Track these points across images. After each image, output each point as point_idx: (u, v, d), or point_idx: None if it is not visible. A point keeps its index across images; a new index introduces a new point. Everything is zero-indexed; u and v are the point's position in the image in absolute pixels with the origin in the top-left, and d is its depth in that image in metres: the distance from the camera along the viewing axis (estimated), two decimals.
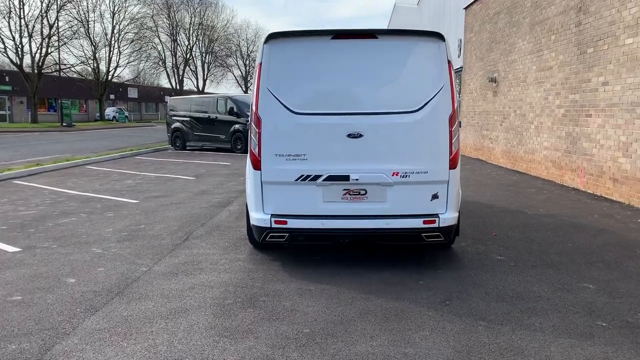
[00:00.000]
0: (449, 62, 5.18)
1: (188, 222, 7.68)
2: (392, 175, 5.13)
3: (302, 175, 5.15)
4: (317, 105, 5.18)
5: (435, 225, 5.19)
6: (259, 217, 5.28)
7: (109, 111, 60.87)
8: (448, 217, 5.25)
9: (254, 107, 5.20)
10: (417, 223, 5.18)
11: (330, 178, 5.13)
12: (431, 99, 5.13)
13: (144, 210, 8.61)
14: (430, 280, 5.10)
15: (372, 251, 6.01)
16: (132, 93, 71.40)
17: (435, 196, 5.23)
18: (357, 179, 5.12)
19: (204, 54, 75.73)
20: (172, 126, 21.94)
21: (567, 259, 5.78)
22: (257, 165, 5.23)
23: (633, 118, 8.79)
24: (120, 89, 67.14)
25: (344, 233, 5.28)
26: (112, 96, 64.05)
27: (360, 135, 5.08)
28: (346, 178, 5.13)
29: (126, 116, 61.17)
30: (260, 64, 5.22)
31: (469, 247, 6.25)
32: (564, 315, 4.23)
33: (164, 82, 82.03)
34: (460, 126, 5.38)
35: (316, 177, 5.14)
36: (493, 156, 16.03)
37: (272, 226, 5.21)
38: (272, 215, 5.24)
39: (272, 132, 5.18)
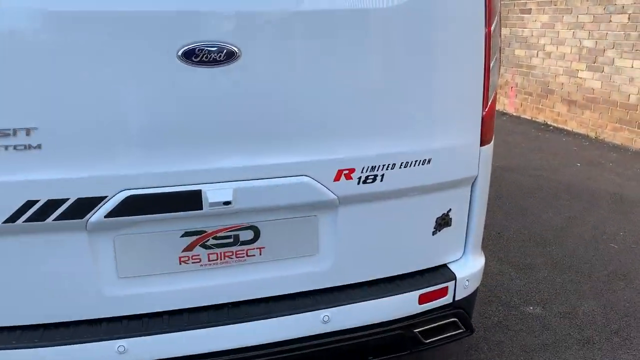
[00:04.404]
0: None
1: None
2: (336, 177, 1.64)
3: (29, 204, 1.40)
4: None
5: (447, 299, 1.92)
6: None
7: None
8: (471, 271, 1.98)
9: None
10: (406, 304, 1.83)
11: (136, 206, 1.46)
12: None
13: None
14: None
15: None
16: None
17: (443, 221, 1.90)
18: (228, 202, 1.54)
19: None
20: None
21: None
22: None
23: (609, 13, 6.11)
24: None
25: None
26: None
27: (232, 56, 1.42)
28: (194, 200, 1.52)
29: None
30: None
31: None
32: None
33: None
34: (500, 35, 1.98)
35: (87, 207, 1.42)
36: None
37: None
38: None
39: None
